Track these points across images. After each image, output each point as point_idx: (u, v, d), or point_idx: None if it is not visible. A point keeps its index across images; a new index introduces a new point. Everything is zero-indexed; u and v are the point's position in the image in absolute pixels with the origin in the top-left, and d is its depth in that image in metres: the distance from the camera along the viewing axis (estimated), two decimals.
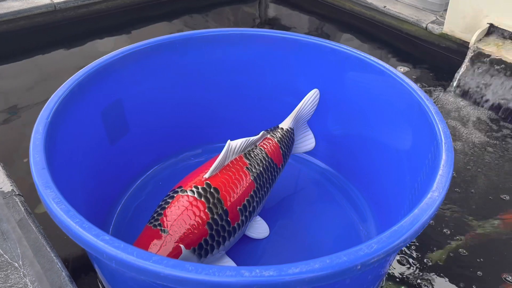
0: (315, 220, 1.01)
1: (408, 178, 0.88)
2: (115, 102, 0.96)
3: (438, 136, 0.75)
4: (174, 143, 1.14)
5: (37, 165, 0.65)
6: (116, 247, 0.54)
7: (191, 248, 0.75)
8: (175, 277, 0.51)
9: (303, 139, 1.07)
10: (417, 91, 0.87)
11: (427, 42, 1.80)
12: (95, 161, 0.92)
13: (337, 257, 0.54)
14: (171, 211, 0.77)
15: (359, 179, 1.07)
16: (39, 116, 0.75)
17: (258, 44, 1.05)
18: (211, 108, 1.13)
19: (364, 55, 0.99)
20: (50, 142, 0.73)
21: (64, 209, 0.58)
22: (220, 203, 0.79)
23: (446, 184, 0.66)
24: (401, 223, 0.59)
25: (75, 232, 0.56)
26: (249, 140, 0.87)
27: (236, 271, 0.52)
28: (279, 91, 1.11)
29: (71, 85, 0.83)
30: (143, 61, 0.99)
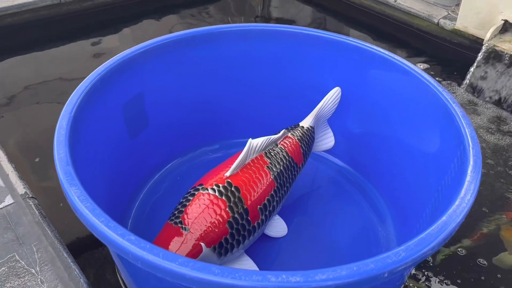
0: (333, 219, 1.01)
1: (431, 181, 0.86)
2: (136, 97, 0.96)
3: (466, 141, 0.74)
4: (192, 138, 1.14)
5: (61, 161, 0.65)
6: (142, 248, 0.54)
7: (211, 247, 0.75)
8: (201, 279, 0.51)
9: (323, 137, 1.06)
10: (442, 93, 0.85)
11: (439, 38, 1.77)
12: (115, 155, 0.92)
13: (364, 264, 0.53)
14: (192, 209, 0.76)
15: (378, 179, 1.06)
16: (62, 111, 0.75)
17: (280, 40, 1.04)
18: (229, 105, 1.12)
19: (389, 54, 0.97)
20: (73, 137, 0.72)
21: (90, 207, 0.58)
22: (240, 202, 0.78)
23: (475, 190, 0.64)
24: (428, 230, 0.58)
25: (101, 231, 0.56)
26: (270, 138, 0.86)
27: (262, 276, 0.51)
28: (300, 88, 1.10)
29: (93, 79, 0.83)
30: (164, 56, 0.99)
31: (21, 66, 1.59)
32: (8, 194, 0.88)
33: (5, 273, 0.75)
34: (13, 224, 0.83)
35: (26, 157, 1.18)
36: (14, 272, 0.75)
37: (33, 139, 1.24)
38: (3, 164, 0.95)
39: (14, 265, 0.76)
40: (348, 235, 0.98)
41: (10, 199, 0.88)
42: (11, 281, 0.74)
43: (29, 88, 1.46)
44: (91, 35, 1.77)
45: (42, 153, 1.20)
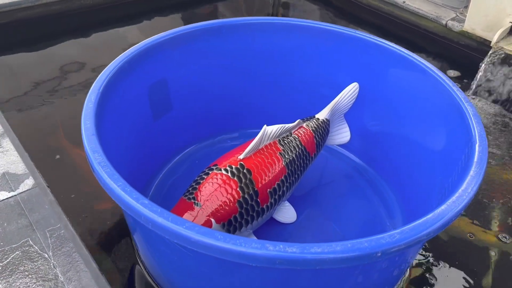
0: (343, 211, 1.03)
1: (439, 178, 0.88)
2: (161, 81, 1.01)
3: (474, 138, 0.75)
4: (213, 125, 1.18)
5: (87, 131, 0.71)
6: (153, 211, 0.59)
7: (220, 223, 0.79)
8: (205, 243, 0.55)
9: (339, 131, 1.08)
10: (457, 92, 0.87)
11: (447, 39, 1.76)
12: (138, 134, 0.98)
13: (359, 242, 0.56)
14: (205, 186, 0.81)
15: (391, 176, 1.08)
16: (92, 87, 0.80)
17: (301, 34, 1.07)
18: (249, 96, 1.16)
19: (407, 52, 0.99)
20: (100, 112, 0.78)
21: (109, 172, 0.63)
22: (251, 183, 0.82)
23: (476, 184, 0.66)
24: (426, 217, 0.61)
25: (117, 194, 0.61)
26: (284, 127, 0.90)
27: (261, 244, 0.55)
28: (318, 82, 1.13)
29: (121, 61, 0.88)
30: (190, 44, 1.03)
31: (33, 60, 1.61)
32: (22, 182, 0.92)
33: (19, 257, 0.78)
34: (27, 211, 0.86)
35: (43, 147, 1.21)
36: (28, 256, 0.78)
37: (50, 131, 1.28)
38: (20, 152, 0.99)
39: (27, 249, 0.79)
40: (356, 227, 1.00)
41: (24, 186, 0.91)
42: (24, 264, 0.77)
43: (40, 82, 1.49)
44: (103, 30, 1.79)
45: (58, 143, 1.23)
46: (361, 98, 1.06)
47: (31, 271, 0.75)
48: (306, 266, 0.55)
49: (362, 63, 1.06)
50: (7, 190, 0.88)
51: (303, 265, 0.55)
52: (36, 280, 0.73)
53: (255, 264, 0.55)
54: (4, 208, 0.85)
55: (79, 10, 1.83)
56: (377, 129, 1.11)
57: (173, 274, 0.78)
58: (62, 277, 0.74)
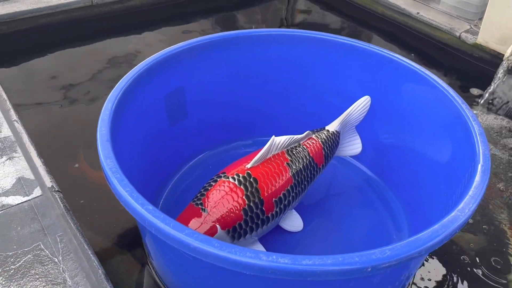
0: (351, 223, 1.05)
1: (444, 194, 0.88)
2: (178, 89, 1.05)
3: (477, 158, 0.76)
4: (227, 132, 1.22)
5: (102, 137, 0.75)
6: (156, 217, 0.62)
7: (226, 230, 0.82)
8: (202, 250, 0.58)
9: (350, 143, 1.10)
10: (465, 110, 0.87)
11: (460, 51, 1.75)
12: (154, 140, 1.02)
13: (350, 257, 0.58)
14: (213, 193, 0.84)
15: (400, 188, 1.09)
16: (110, 94, 0.85)
17: (315, 46, 1.09)
18: (263, 104, 1.19)
19: (420, 68, 1.00)
20: (116, 118, 0.82)
21: (119, 178, 0.67)
22: (257, 192, 0.85)
23: (473, 205, 0.67)
24: (419, 235, 0.62)
25: (125, 199, 0.65)
26: (293, 138, 0.92)
27: (255, 254, 0.58)
28: (330, 94, 1.14)
29: (141, 69, 0.93)
30: (206, 54, 1.07)
31: (53, 66, 1.65)
32: (36, 187, 0.93)
33: (31, 261, 0.80)
34: (39, 215, 0.88)
35: (56, 152, 1.25)
36: (39, 260, 0.80)
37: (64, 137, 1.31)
38: (33, 158, 1.02)
39: (39, 253, 0.81)
40: (363, 239, 1.01)
41: (38, 191, 0.93)
42: (35, 268, 0.79)
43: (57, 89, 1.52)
44: (121, 37, 1.83)
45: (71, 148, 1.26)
46: (374, 111, 1.08)
47: (41, 274, 0.78)
48: (297, 277, 0.58)
49: (375, 76, 1.08)
50: (22, 195, 0.91)
51: (294, 276, 0.57)
52: (46, 283, 0.76)
53: (248, 272, 0.58)
54: (19, 212, 0.88)
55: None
56: (389, 142, 1.12)
57: (178, 277, 0.82)
58: (70, 281, 0.77)
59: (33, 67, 1.63)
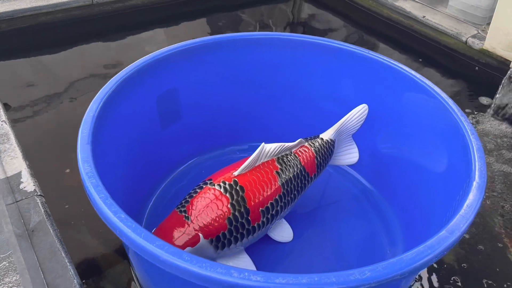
0: (344, 235, 1.01)
1: (441, 209, 0.85)
2: (171, 91, 1.03)
3: (473, 174, 0.72)
4: (223, 136, 1.19)
5: (83, 140, 0.73)
6: (128, 226, 0.60)
7: (209, 239, 0.80)
8: (171, 263, 0.56)
9: (346, 152, 1.06)
10: (464, 122, 0.83)
11: (466, 57, 1.70)
12: (145, 142, 1.00)
13: (326, 276, 0.55)
14: (197, 201, 0.82)
15: (397, 202, 1.05)
16: (96, 96, 0.83)
17: (312, 51, 1.06)
18: (260, 109, 1.17)
19: (419, 77, 0.96)
20: (102, 120, 0.80)
21: (94, 183, 0.65)
22: (243, 201, 0.82)
23: (464, 225, 0.63)
24: (401, 256, 0.59)
25: (98, 206, 0.63)
26: (284, 145, 0.89)
27: (226, 270, 0.55)
28: (328, 101, 1.11)
29: (130, 70, 0.91)
30: (200, 56, 1.05)
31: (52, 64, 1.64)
32: (18, 191, 0.90)
33: (5, 268, 0.76)
34: (18, 220, 0.84)
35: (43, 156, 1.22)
36: (13, 268, 0.76)
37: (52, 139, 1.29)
38: (18, 161, 0.98)
39: (14, 260, 0.77)
40: (356, 253, 0.98)
41: (19, 195, 0.89)
42: (10, 275, 0.75)
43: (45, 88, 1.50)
44: (120, 36, 1.81)
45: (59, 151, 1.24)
46: (373, 120, 1.04)
47: (15, 283, 0.74)
48: None
49: (375, 84, 1.04)
50: (2, 198, 0.88)
51: None
52: None
53: None
54: None
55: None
56: (387, 152, 1.08)
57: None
58: None
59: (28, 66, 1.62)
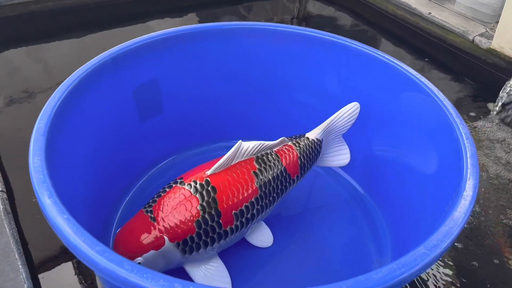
0: (330, 240, 0.95)
1: (430, 221, 0.77)
2: (152, 82, 0.97)
3: (462, 184, 0.65)
4: (208, 132, 1.13)
5: (38, 131, 0.68)
6: (70, 227, 0.54)
7: (175, 242, 0.74)
8: (110, 272, 0.50)
9: (336, 153, 0.99)
10: (459, 126, 0.75)
11: (473, 57, 1.60)
12: (120, 135, 0.95)
13: None
14: (164, 201, 0.76)
15: (388, 208, 0.98)
16: (61, 85, 0.78)
17: (303, 43, 0.99)
18: (249, 105, 1.11)
19: (415, 75, 0.88)
20: (66, 111, 0.75)
21: (40, 179, 0.60)
22: (215, 203, 0.76)
23: (445, 243, 0.56)
24: (371, 273, 0.52)
25: (41, 204, 0.57)
26: (263, 144, 0.83)
27: (169, 282, 0.49)
28: (320, 98, 1.04)
29: (104, 58, 0.85)
30: (187, 45, 0.99)
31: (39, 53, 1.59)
32: None
33: None
34: None
35: (13, 150, 1.17)
36: None
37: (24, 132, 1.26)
38: None
39: None
40: (341, 261, 0.91)
41: None
42: None
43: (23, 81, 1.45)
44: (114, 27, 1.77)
45: None
46: (367, 119, 0.97)
47: None
48: None
49: (368, 81, 0.97)
50: None
51: None
52: None
53: None
54: None
55: None
56: (381, 155, 1.01)
57: None
58: None
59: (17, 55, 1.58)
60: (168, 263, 0.77)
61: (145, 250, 0.73)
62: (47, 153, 0.65)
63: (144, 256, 0.73)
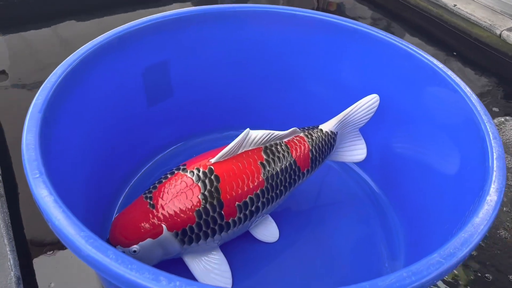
0: (339, 240, 0.89)
1: (450, 227, 0.71)
2: (160, 63, 0.93)
3: (486, 187, 0.59)
4: (220, 119, 1.09)
5: (35, 107, 0.65)
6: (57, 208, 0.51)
7: (173, 231, 0.70)
8: (93, 259, 0.47)
9: (352, 147, 0.94)
10: (487, 124, 0.69)
11: (500, 52, 1.49)
12: (126, 119, 0.91)
13: None
14: (165, 188, 0.72)
15: (404, 209, 0.92)
16: (63, 62, 0.74)
17: (322, 30, 0.94)
18: (259, 93, 1.06)
19: (441, 68, 0.82)
20: (66, 89, 0.72)
21: (31, 157, 0.57)
22: (217, 192, 0.72)
23: (463, 251, 0.50)
24: (375, 280, 0.47)
25: (31, 186, 0.54)
26: (273, 134, 0.78)
27: (155, 275, 0.45)
28: (336, 89, 0.99)
29: (110, 37, 0.82)
30: (200, 27, 0.94)
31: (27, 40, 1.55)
32: None
33: None
34: None
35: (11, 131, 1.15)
36: None
37: None
38: None
39: None
40: (349, 261, 0.86)
41: None
42: None
43: None
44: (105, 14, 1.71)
45: None
46: (385, 113, 0.91)
47: None
48: None
49: (391, 72, 0.91)
50: None
51: None
52: None
53: None
54: None
55: None
56: (400, 152, 0.95)
57: None
58: None
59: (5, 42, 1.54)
60: (166, 253, 0.73)
61: (142, 238, 0.69)
62: (42, 131, 0.62)
63: (140, 244, 0.69)
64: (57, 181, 0.57)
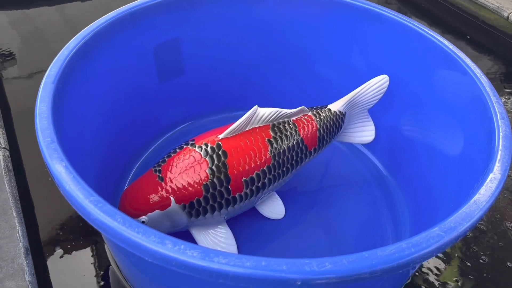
0: (345, 220, 0.90)
1: (453, 206, 0.72)
2: (172, 41, 0.94)
3: (491, 165, 0.59)
4: (230, 98, 1.10)
5: (48, 78, 0.66)
6: (67, 174, 0.53)
7: (181, 204, 0.72)
8: (101, 222, 0.48)
9: (360, 129, 0.94)
10: (495, 105, 0.69)
11: (507, 35, 1.46)
12: (137, 96, 0.93)
13: (276, 263, 0.46)
14: (174, 161, 0.74)
15: (411, 191, 0.92)
16: (78, 34, 0.76)
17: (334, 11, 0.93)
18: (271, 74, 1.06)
19: (452, 49, 0.81)
20: (79, 61, 0.73)
21: (44, 125, 0.59)
22: (224, 167, 0.73)
23: (463, 226, 0.51)
24: (375, 250, 0.48)
25: (43, 153, 0.56)
26: (281, 112, 0.79)
27: (161, 239, 0.47)
28: (347, 70, 0.99)
29: (122, 12, 0.83)
30: (213, 5, 0.95)
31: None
32: None
33: None
34: None
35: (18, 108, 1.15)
36: None
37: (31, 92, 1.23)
38: None
39: None
40: (352, 242, 0.87)
41: None
42: None
43: None
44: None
45: None
46: (394, 94, 0.91)
47: None
48: (205, 276, 0.46)
49: (401, 53, 0.90)
50: None
51: (202, 274, 0.46)
52: None
53: (150, 260, 0.47)
54: None
55: None
56: (408, 134, 0.95)
57: None
58: None
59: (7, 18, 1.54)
60: (173, 225, 0.75)
61: (150, 209, 0.71)
62: (55, 101, 0.64)
63: (149, 215, 0.71)
64: (69, 151, 0.58)
